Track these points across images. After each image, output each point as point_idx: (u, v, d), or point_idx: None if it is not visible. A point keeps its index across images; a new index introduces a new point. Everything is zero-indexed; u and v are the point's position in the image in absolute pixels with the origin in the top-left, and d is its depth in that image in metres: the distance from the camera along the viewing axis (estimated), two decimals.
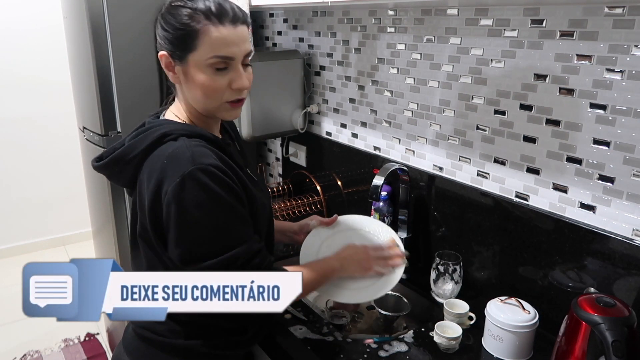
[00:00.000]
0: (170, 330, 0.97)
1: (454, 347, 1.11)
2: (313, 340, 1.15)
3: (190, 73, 0.92)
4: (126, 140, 0.97)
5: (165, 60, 0.93)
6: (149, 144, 0.92)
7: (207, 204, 0.86)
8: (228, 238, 0.89)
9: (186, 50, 0.90)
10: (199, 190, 0.85)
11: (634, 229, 1.02)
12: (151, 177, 0.89)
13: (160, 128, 0.93)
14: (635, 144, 0.99)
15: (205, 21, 0.88)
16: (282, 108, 1.82)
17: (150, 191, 0.88)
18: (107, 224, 1.96)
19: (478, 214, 1.31)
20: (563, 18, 1.06)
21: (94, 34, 1.68)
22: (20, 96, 3.23)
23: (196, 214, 0.86)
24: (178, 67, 0.93)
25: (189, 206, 0.85)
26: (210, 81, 0.91)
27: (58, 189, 3.48)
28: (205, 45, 0.89)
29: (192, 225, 0.87)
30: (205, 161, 0.87)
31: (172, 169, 0.86)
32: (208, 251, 0.88)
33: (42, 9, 3.13)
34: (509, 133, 1.22)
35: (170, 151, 0.89)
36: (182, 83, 0.95)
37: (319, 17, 1.76)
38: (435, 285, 1.30)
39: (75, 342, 2.59)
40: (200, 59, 0.90)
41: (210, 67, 0.90)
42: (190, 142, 0.90)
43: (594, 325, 0.89)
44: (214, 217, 0.88)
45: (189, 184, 0.85)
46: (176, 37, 0.90)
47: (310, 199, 1.89)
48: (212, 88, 0.92)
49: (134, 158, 0.93)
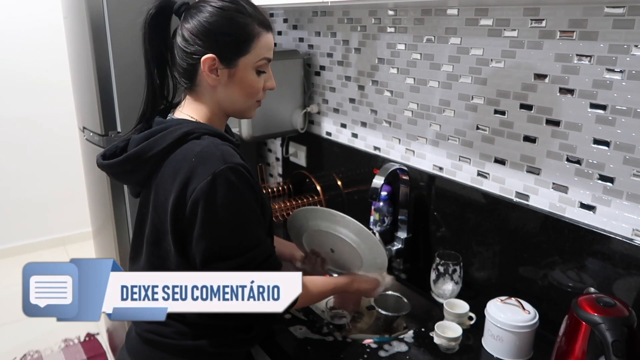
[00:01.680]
0: (178, 332, 0.97)
1: (454, 348, 1.11)
2: (313, 340, 1.15)
3: (238, 75, 0.96)
4: (134, 139, 0.96)
5: (210, 62, 0.93)
6: (171, 142, 0.91)
7: (234, 204, 0.88)
8: (249, 239, 0.91)
9: (239, 53, 0.94)
10: (228, 190, 0.87)
11: (634, 229, 1.02)
12: (176, 175, 0.89)
13: (181, 127, 0.93)
14: (635, 144, 0.99)
15: (259, 28, 0.95)
16: (282, 108, 1.82)
17: (175, 189, 0.89)
18: (107, 224, 1.96)
19: (478, 214, 1.31)
20: (563, 18, 1.06)
21: (94, 34, 1.68)
22: (20, 96, 3.23)
23: (223, 213, 0.87)
24: (223, 69, 0.94)
25: (217, 205, 0.86)
26: (256, 82, 0.98)
27: (58, 189, 3.48)
28: (257, 49, 0.96)
29: (218, 224, 0.88)
30: (235, 160, 0.89)
31: (202, 168, 0.87)
32: (229, 250, 0.89)
33: (42, 9, 3.13)
34: (509, 133, 1.22)
35: (199, 150, 0.89)
36: (223, 85, 0.96)
37: (319, 17, 1.76)
38: (435, 285, 1.30)
39: (75, 342, 2.59)
40: (250, 62, 0.96)
41: (255, 69, 0.97)
42: (216, 141, 0.92)
43: (594, 325, 0.89)
44: (239, 217, 0.90)
45: (220, 182, 0.86)
46: (232, 40, 0.93)
47: (310, 199, 1.89)
48: (256, 88, 0.99)
49: (153, 157, 0.93)
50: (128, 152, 0.95)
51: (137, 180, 0.99)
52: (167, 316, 0.96)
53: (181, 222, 0.90)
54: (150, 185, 0.95)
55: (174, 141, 0.91)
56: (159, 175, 0.93)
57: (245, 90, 0.98)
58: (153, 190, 0.94)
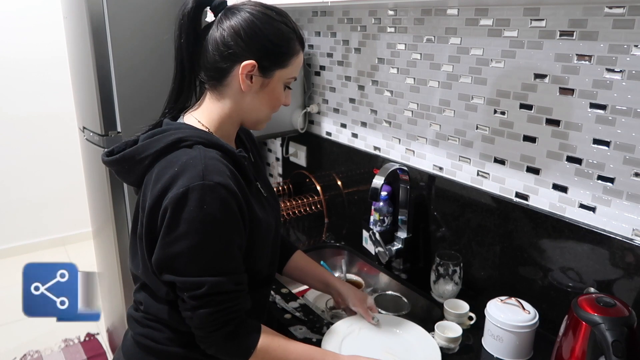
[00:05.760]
0: (170, 338, 0.97)
1: (454, 348, 1.11)
2: (313, 340, 1.15)
3: (271, 86, 0.96)
4: (140, 138, 0.95)
5: (250, 68, 0.91)
6: (163, 147, 0.90)
7: (199, 222, 0.84)
8: (205, 263, 0.87)
9: (278, 65, 0.94)
10: (196, 207, 0.84)
11: (634, 229, 1.02)
12: (158, 181, 0.88)
13: (177, 132, 0.92)
14: (635, 144, 0.99)
15: (299, 46, 0.96)
16: (282, 108, 1.81)
17: (153, 195, 0.87)
18: (107, 224, 1.96)
19: (478, 214, 1.31)
20: (563, 18, 1.06)
21: (94, 34, 1.68)
22: (20, 96, 3.23)
23: (185, 228, 0.84)
24: (258, 77, 0.93)
25: (181, 218, 0.84)
26: (282, 96, 0.99)
27: (58, 189, 3.48)
28: (292, 66, 0.96)
29: (177, 237, 0.85)
30: (215, 179, 0.85)
31: (181, 179, 0.85)
32: (180, 267, 0.86)
33: (42, 9, 3.13)
34: (509, 133, 1.22)
35: (185, 160, 0.87)
36: (253, 92, 0.95)
37: (319, 17, 1.76)
38: (435, 285, 1.30)
39: (75, 342, 2.59)
40: (284, 76, 0.96)
41: (284, 84, 0.98)
42: (206, 153, 0.88)
43: (594, 325, 0.89)
44: (201, 238, 0.85)
45: (192, 197, 0.84)
46: (275, 50, 0.93)
47: (310, 199, 1.89)
48: (280, 102, 1.00)
49: (144, 159, 0.92)
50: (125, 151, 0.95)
51: (132, 180, 0.98)
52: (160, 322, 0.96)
53: (154, 228, 0.88)
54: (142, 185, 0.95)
55: (165, 146, 0.90)
56: (147, 178, 0.92)
57: (272, 102, 0.98)
58: (142, 191, 0.94)
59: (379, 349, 1.08)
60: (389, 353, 1.07)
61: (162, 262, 0.87)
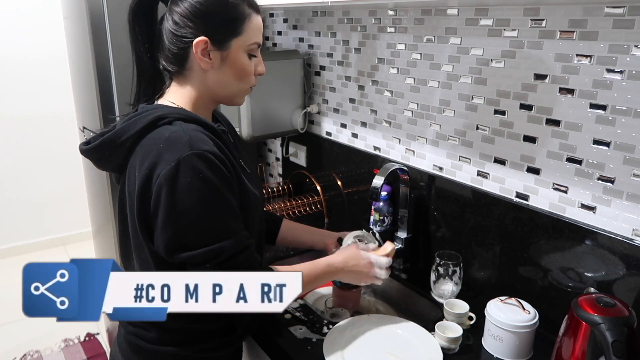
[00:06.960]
0: (159, 338, 0.97)
1: (454, 348, 1.11)
2: (313, 340, 1.15)
3: (231, 58, 0.94)
4: (117, 124, 0.95)
5: (203, 45, 0.92)
6: (142, 127, 0.89)
7: (199, 191, 0.85)
8: (216, 229, 0.88)
9: (232, 34, 0.93)
10: (192, 176, 0.84)
11: (634, 229, 1.02)
12: (144, 160, 0.87)
13: (154, 111, 0.91)
14: (635, 144, 0.99)
15: (249, 9, 0.94)
16: (282, 108, 1.82)
17: (141, 175, 0.86)
18: (107, 224, 1.97)
19: (478, 214, 1.31)
20: (563, 18, 1.06)
21: (94, 34, 1.68)
22: (20, 96, 3.23)
23: (187, 200, 0.84)
24: (215, 52, 0.93)
25: (180, 191, 0.84)
26: (248, 65, 0.97)
27: (58, 188, 3.48)
28: (249, 31, 0.94)
29: (182, 211, 0.85)
30: (202, 147, 0.86)
31: (168, 153, 0.84)
32: (194, 240, 0.86)
33: (42, 9, 3.13)
34: (509, 133, 1.22)
35: (167, 135, 0.87)
36: (215, 68, 0.95)
37: (319, 17, 1.76)
38: (435, 285, 1.30)
39: (75, 342, 2.59)
40: (243, 44, 0.94)
41: (246, 53, 0.96)
42: (188, 127, 0.89)
43: (594, 325, 0.89)
44: (205, 205, 0.86)
45: (183, 168, 0.83)
46: (223, 21, 0.92)
47: (310, 199, 1.89)
48: (248, 71, 0.97)
49: (125, 141, 0.91)
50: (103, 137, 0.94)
51: (114, 166, 0.97)
52: (149, 323, 0.96)
53: (147, 210, 0.88)
54: (124, 171, 0.94)
55: (145, 126, 0.90)
56: (131, 161, 0.91)
57: (237, 73, 0.96)
58: (126, 177, 0.93)
59: (380, 349, 1.08)
60: (390, 353, 1.07)
61: (173, 242, 0.87)
